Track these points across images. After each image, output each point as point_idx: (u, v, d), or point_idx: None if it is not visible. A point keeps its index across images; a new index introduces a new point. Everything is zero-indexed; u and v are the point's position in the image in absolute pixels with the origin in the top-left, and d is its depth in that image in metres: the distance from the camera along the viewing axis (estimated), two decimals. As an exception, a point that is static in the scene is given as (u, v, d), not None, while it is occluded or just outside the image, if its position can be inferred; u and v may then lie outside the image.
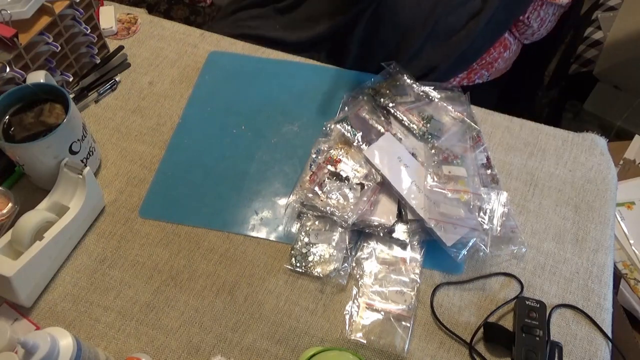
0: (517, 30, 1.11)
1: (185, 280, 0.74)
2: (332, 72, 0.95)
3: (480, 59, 1.08)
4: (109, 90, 0.94)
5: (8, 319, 0.70)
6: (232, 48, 1.00)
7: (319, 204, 0.77)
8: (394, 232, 0.76)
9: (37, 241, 0.70)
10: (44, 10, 0.81)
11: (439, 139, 0.84)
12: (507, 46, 1.11)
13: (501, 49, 1.10)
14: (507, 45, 1.11)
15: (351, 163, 0.81)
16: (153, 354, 0.69)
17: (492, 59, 1.09)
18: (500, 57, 1.10)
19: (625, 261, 1.07)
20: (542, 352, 0.66)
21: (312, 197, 0.77)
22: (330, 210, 0.76)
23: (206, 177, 0.84)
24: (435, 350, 0.69)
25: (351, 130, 0.83)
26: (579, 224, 0.79)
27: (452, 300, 0.73)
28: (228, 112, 0.91)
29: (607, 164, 0.85)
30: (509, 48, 1.11)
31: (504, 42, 1.10)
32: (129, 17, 1.04)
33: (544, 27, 1.12)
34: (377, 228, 0.75)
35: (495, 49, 1.08)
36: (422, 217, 0.74)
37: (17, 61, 0.78)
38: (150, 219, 0.80)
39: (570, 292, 0.74)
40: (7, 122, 0.74)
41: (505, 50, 1.10)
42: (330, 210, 0.76)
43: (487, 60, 1.09)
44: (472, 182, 0.79)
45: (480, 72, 1.10)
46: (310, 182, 0.79)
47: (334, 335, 0.70)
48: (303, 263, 0.75)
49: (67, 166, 0.75)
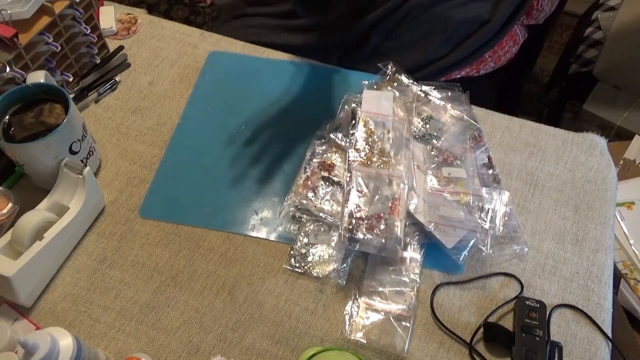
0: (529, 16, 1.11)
1: (185, 280, 0.74)
2: (332, 72, 0.95)
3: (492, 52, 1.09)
4: (109, 90, 0.94)
5: (8, 319, 0.70)
6: (232, 48, 1.00)
7: (312, 210, 0.77)
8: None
9: (37, 241, 0.70)
10: (44, 10, 0.81)
11: (439, 139, 0.84)
12: (516, 41, 1.12)
13: (511, 42, 1.11)
14: (516, 40, 1.12)
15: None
16: (153, 354, 0.69)
17: (503, 52, 1.10)
18: (509, 51, 1.11)
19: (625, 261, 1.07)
20: (542, 352, 0.66)
21: (305, 203, 0.78)
22: (324, 216, 0.76)
23: (206, 177, 0.84)
24: (435, 350, 0.69)
25: (344, 140, 0.83)
26: (579, 224, 0.80)
27: (452, 300, 0.73)
28: (228, 112, 0.91)
29: (607, 164, 0.85)
30: (518, 43, 1.13)
31: (514, 37, 1.11)
32: (129, 17, 1.04)
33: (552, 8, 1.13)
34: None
35: (506, 42, 1.09)
36: (421, 220, 0.74)
37: (17, 61, 0.78)
38: (150, 219, 0.80)
39: (570, 292, 0.74)
40: (7, 122, 0.74)
41: (514, 45, 1.12)
42: (324, 216, 0.76)
43: (499, 53, 1.10)
44: (472, 184, 0.79)
45: (488, 64, 1.11)
46: (304, 188, 0.79)
47: (334, 335, 0.70)
48: (302, 263, 0.75)
49: (67, 166, 0.75)
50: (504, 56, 1.11)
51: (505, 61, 1.14)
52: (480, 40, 1.01)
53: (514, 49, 1.12)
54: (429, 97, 0.88)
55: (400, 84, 0.90)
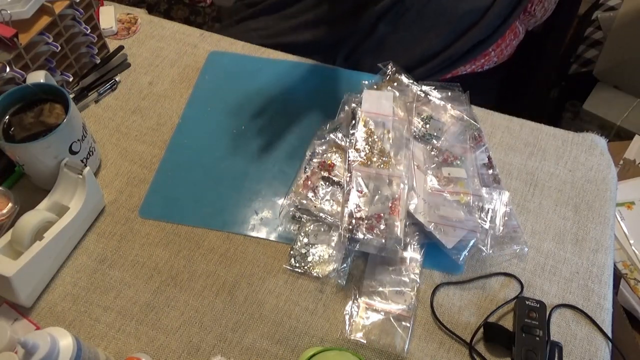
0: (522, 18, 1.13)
1: (185, 280, 0.74)
2: (332, 72, 0.95)
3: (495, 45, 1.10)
4: (109, 90, 0.94)
5: (8, 319, 0.70)
6: (232, 48, 1.00)
7: (312, 209, 0.77)
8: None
9: (37, 241, 0.70)
10: (44, 10, 0.81)
11: (439, 139, 0.84)
12: (517, 34, 1.13)
13: (512, 35, 1.12)
14: (517, 34, 1.13)
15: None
16: (153, 354, 0.69)
17: (505, 46, 1.11)
18: (510, 45, 1.12)
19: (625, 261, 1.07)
20: (542, 352, 0.66)
21: (305, 203, 0.78)
22: (324, 216, 0.76)
23: (206, 177, 0.84)
24: (435, 350, 0.69)
25: (344, 139, 0.83)
26: (579, 224, 0.80)
27: (452, 300, 0.73)
28: (228, 112, 0.91)
29: (607, 164, 0.85)
30: (518, 36, 1.14)
31: (515, 30, 1.12)
32: (129, 17, 1.04)
33: (545, 16, 1.14)
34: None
35: (508, 35, 1.10)
36: (421, 220, 0.74)
37: (17, 61, 0.78)
38: (150, 219, 0.80)
39: (570, 292, 0.74)
40: (7, 122, 0.74)
41: (515, 38, 1.12)
42: (324, 216, 0.76)
43: (501, 47, 1.11)
44: (472, 184, 0.79)
45: (492, 59, 1.12)
46: (304, 187, 0.79)
47: (334, 335, 0.70)
48: (302, 263, 0.75)
49: (67, 166, 0.75)
50: (505, 49, 1.12)
51: (507, 56, 1.14)
52: (484, 31, 1.02)
53: (514, 42, 1.13)
54: (429, 97, 0.88)
55: (400, 83, 0.90)
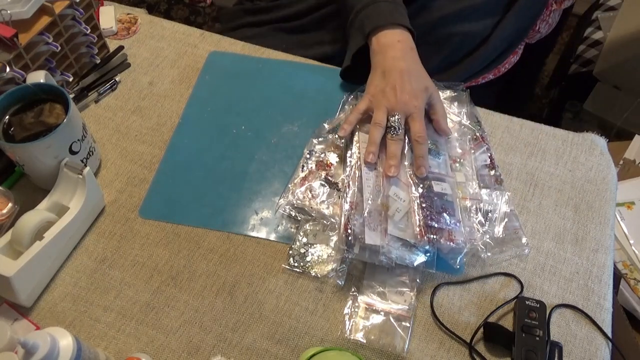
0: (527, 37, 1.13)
1: (185, 280, 0.74)
2: (332, 72, 0.95)
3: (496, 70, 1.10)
4: (109, 90, 0.94)
5: (8, 319, 0.70)
6: (232, 48, 1.00)
7: (307, 209, 0.77)
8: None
9: (37, 241, 0.70)
10: (44, 10, 0.81)
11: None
12: (516, 52, 1.13)
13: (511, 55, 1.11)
14: (516, 52, 1.13)
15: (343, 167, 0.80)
16: (153, 354, 0.69)
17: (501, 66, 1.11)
18: (508, 62, 1.12)
19: (625, 261, 1.07)
20: (542, 352, 0.66)
21: (301, 202, 0.77)
22: (319, 215, 0.76)
23: (206, 177, 0.84)
24: (435, 350, 0.69)
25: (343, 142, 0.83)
26: (579, 224, 0.80)
27: (452, 300, 0.73)
28: (228, 112, 0.91)
29: (607, 164, 0.85)
30: (518, 54, 1.13)
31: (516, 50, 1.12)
32: (129, 17, 1.04)
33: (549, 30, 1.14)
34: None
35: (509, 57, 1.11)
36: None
37: (17, 61, 0.78)
38: (150, 219, 0.80)
39: (570, 292, 0.74)
40: (7, 122, 0.74)
41: (513, 56, 1.12)
42: (319, 215, 0.76)
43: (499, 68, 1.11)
44: (470, 187, 0.78)
45: (488, 77, 1.11)
46: (300, 186, 0.79)
47: (334, 335, 0.70)
48: (301, 263, 0.75)
49: (67, 166, 0.75)
50: (502, 67, 1.12)
51: (504, 71, 1.14)
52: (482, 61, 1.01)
53: (513, 58, 1.13)
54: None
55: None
